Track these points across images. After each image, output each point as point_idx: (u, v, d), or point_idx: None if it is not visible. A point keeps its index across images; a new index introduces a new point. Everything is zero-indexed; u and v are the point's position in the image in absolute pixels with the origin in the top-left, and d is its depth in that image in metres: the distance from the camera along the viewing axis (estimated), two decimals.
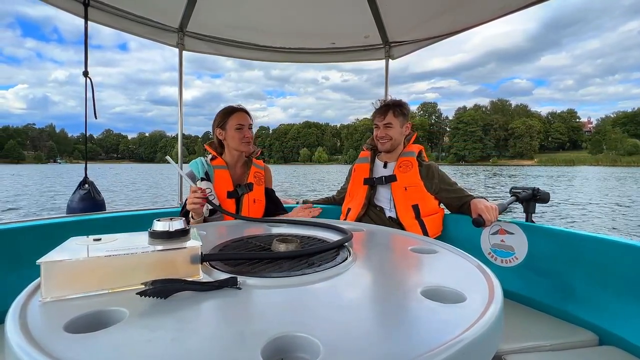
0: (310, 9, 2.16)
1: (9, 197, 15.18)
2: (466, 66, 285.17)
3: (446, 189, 1.62)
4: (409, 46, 2.42)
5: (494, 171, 47.98)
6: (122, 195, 16.71)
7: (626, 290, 1.10)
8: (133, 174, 40.51)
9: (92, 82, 1.84)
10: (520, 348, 1.07)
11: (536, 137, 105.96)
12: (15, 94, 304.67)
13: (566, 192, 17.56)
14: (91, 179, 1.91)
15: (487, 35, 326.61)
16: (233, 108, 1.60)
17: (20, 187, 21.17)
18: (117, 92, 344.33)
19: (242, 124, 1.56)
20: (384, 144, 1.67)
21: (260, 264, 0.67)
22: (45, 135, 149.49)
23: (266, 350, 0.38)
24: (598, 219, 9.85)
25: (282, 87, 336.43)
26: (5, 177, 31.65)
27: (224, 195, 1.52)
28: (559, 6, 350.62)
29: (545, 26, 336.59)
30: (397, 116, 1.64)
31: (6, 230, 1.27)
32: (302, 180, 29.05)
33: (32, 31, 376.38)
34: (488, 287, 0.56)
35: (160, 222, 0.63)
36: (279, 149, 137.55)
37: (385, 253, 0.83)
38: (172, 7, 2.02)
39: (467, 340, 0.40)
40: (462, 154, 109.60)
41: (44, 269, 0.50)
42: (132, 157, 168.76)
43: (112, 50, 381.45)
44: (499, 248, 1.50)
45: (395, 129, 1.65)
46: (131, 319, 0.45)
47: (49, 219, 1.44)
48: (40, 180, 27.07)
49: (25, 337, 0.39)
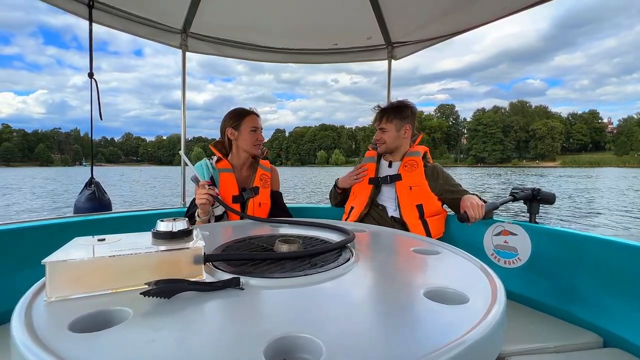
0: (313, 10, 2.16)
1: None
2: (477, 67, 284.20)
3: (450, 189, 1.62)
4: (412, 47, 2.42)
5: (524, 172, 46.57)
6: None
7: (631, 291, 1.09)
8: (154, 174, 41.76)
9: (97, 83, 1.85)
10: (523, 350, 1.06)
11: (558, 139, 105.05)
12: (36, 99, 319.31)
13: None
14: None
15: (498, 35, 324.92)
16: (247, 110, 1.61)
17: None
18: (132, 96, 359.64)
19: (256, 126, 1.58)
20: (380, 147, 1.74)
21: (263, 265, 0.67)
22: (71, 139, 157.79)
23: (269, 351, 0.38)
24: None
25: (292, 90, 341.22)
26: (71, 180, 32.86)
27: (230, 200, 1.51)
28: (572, 6, 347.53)
29: (558, 26, 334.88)
30: (390, 120, 1.67)
31: (13, 230, 1.28)
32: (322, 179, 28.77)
33: (53, 39, 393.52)
34: (491, 289, 0.56)
35: (164, 222, 0.64)
36: (296, 152, 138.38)
37: (388, 254, 0.83)
38: (175, 8, 2.03)
39: (470, 342, 0.40)
40: (481, 156, 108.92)
41: (48, 269, 0.50)
42: (151, 159, 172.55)
43: (128, 56, 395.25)
44: (502, 249, 1.49)
45: (389, 132, 1.68)
46: (135, 318, 0.45)
47: (55, 219, 1.45)
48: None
49: (31, 336, 0.40)
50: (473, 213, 1.42)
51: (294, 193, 18.67)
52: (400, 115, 1.66)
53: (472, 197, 1.51)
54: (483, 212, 1.44)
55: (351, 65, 26.76)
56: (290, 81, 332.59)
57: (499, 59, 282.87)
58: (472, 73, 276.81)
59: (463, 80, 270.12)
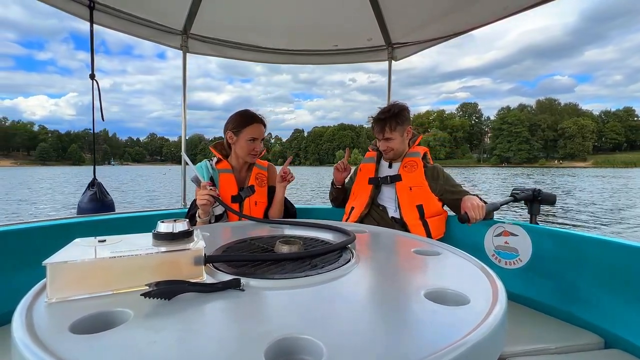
0: (313, 11, 2.17)
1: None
2: (500, 64, 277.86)
3: (451, 190, 1.61)
4: (412, 47, 2.42)
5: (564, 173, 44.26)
6: None
7: (632, 292, 1.09)
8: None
9: (99, 84, 1.85)
10: (524, 351, 1.06)
11: (589, 138, 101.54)
12: (67, 102, 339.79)
13: None
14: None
15: (522, 31, 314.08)
16: (252, 118, 1.56)
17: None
18: (155, 97, 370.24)
19: (256, 137, 1.54)
20: (387, 154, 1.71)
21: (263, 266, 0.67)
22: (100, 139, 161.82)
23: (269, 352, 0.38)
24: None
25: (309, 90, 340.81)
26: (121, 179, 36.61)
27: (229, 200, 1.52)
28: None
29: (588, 19, 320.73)
30: (394, 129, 1.63)
31: (14, 230, 1.28)
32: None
33: (83, 44, 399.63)
34: (492, 289, 0.56)
35: (164, 223, 0.64)
36: (315, 151, 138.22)
37: (389, 255, 0.83)
38: (176, 9, 2.04)
39: (471, 343, 0.39)
40: (506, 156, 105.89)
41: (49, 270, 0.50)
42: (174, 159, 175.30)
43: (152, 59, 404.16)
44: (502, 250, 1.49)
45: (395, 140, 1.65)
46: (135, 320, 0.45)
47: (57, 220, 1.46)
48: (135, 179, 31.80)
49: (31, 337, 0.40)
50: (474, 214, 1.42)
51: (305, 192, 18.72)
52: (401, 120, 1.65)
53: (472, 197, 1.51)
54: (484, 213, 1.44)
55: (368, 63, 26.99)
56: (307, 81, 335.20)
57: (523, 55, 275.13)
58: (494, 70, 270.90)
59: (485, 78, 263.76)
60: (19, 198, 16.30)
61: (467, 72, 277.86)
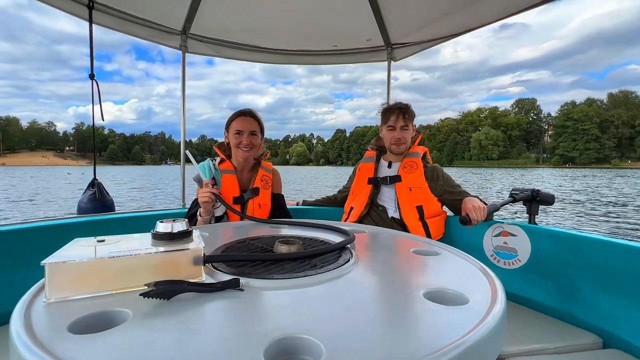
0: (313, 11, 2.17)
1: None
2: (561, 54, 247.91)
3: (450, 191, 1.62)
4: (412, 48, 2.42)
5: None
6: None
7: (630, 292, 1.09)
8: None
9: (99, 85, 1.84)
10: (523, 351, 1.06)
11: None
12: (129, 107, 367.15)
13: None
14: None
15: (588, 16, 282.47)
16: (237, 113, 1.59)
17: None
18: (204, 102, 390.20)
19: (241, 129, 1.53)
20: (400, 147, 1.67)
21: (262, 266, 0.67)
22: (159, 141, 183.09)
23: (269, 352, 0.38)
24: None
25: (350, 90, 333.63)
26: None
27: (231, 201, 1.51)
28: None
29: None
30: (410, 119, 1.66)
31: (13, 230, 1.28)
32: None
33: (143, 55, 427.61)
34: (491, 289, 0.56)
35: (163, 223, 0.63)
36: (357, 151, 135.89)
37: (388, 255, 0.83)
38: (175, 10, 2.04)
39: (470, 343, 0.40)
40: (570, 155, 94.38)
41: (48, 270, 0.50)
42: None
43: (202, 65, 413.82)
44: (501, 250, 1.49)
45: (409, 131, 1.67)
46: (134, 320, 0.45)
47: (56, 220, 1.45)
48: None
49: (30, 337, 0.40)
50: (475, 216, 1.41)
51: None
52: (412, 114, 1.68)
53: (473, 199, 1.51)
54: (485, 215, 1.44)
55: (410, 61, 25.58)
56: (348, 81, 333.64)
57: (589, 44, 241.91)
58: (553, 61, 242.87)
59: (543, 71, 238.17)
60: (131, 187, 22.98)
61: (521, 65, 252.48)
